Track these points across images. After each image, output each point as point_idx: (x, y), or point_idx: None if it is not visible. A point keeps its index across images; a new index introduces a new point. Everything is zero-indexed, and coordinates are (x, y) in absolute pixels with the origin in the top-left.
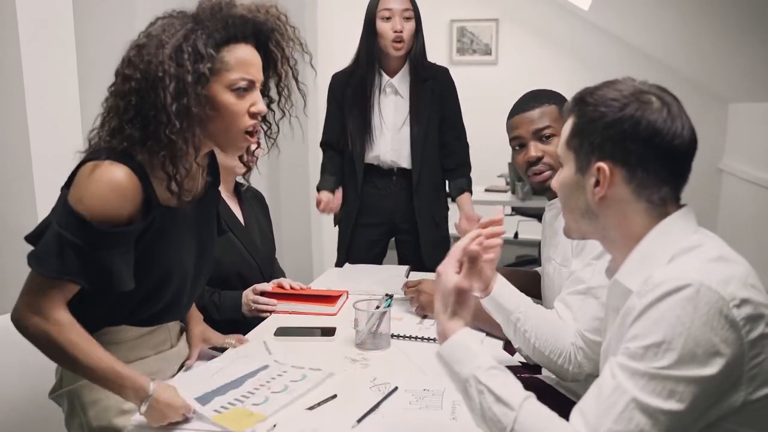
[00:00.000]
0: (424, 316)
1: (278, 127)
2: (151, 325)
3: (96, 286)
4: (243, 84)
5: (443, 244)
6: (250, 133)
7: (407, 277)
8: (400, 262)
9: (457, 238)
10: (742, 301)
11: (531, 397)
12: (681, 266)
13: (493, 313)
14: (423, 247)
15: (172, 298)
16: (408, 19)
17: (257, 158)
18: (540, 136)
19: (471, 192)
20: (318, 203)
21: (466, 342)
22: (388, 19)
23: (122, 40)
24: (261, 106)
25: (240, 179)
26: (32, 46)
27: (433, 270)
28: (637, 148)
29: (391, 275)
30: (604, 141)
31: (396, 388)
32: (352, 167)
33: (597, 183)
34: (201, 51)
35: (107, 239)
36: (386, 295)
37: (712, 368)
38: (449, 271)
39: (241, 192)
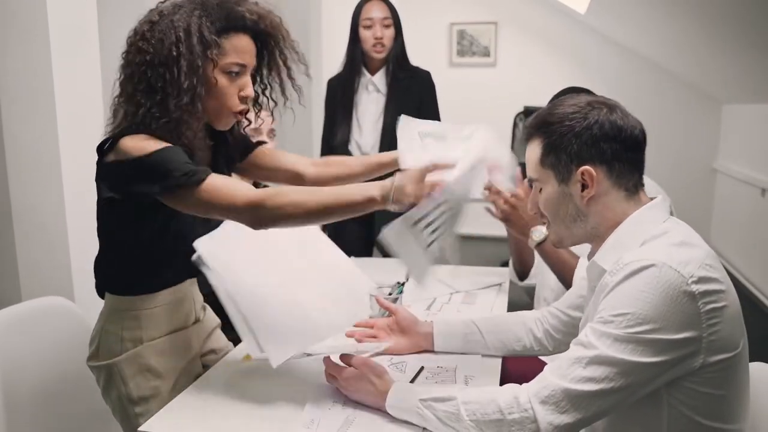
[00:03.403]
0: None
1: (270, 110)
2: (177, 282)
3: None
4: (235, 69)
5: None
6: (238, 113)
7: None
8: (386, 254)
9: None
10: (700, 279)
11: (466, 387)
12: (648, 249)
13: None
14: (376, 225)
15: (184, 245)
16: (387, 26)
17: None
18: None
19: None
20: None
21: (400, 386)
22: (369, 27)
23: None
24: (249, 90)
25: None
26: (61, 49)
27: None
28: (609, 146)
29: (394, 267)
30: (581, 148)
31: (422, 368)
32: None
33: (583, 187)
34: (207, 38)
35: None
36: (398, 282)
37: (673, 335)
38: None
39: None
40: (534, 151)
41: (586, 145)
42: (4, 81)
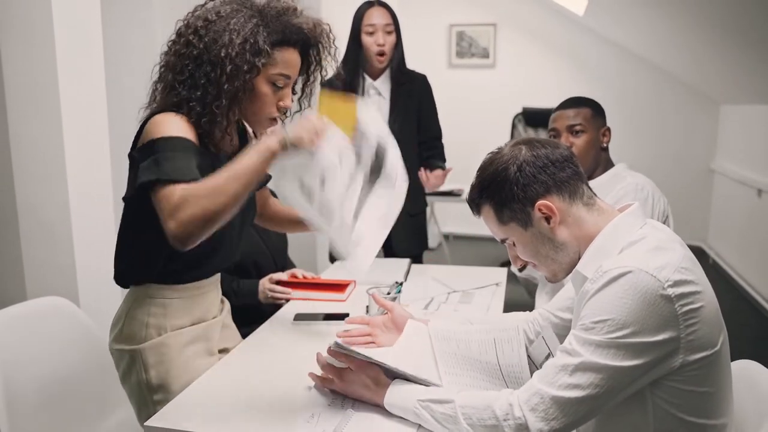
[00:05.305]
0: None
1: (292, 116)
2: (203, 276)
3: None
4: (281, 81)
5: (415, 235)
6: (274, 119)
7: (408, 271)
8: (386, 255)
9: (446, 236)
10: (675, 282)
11: (462, 389)
12: (625, 256)
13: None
14: (393, 235)
15: (221, 242)
16: (389, 33)
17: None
18: (572, 130)
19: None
20: None
21: (399, 384)
22: (372, 33)
23: (141, 46)
24: (288, 102)
25: None
26: (65, 49)
27: (403, 255)
28: (546, 174)
29: (393, 267)
30: (525, 190)
31: None
32: None
33: (548, 219)
34: (261, 47)
35: (187, 143)
36: (396, 282)
37: (652, 337)
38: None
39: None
40: (489, 217)
41: (527, 185)
42: (9, 81)
